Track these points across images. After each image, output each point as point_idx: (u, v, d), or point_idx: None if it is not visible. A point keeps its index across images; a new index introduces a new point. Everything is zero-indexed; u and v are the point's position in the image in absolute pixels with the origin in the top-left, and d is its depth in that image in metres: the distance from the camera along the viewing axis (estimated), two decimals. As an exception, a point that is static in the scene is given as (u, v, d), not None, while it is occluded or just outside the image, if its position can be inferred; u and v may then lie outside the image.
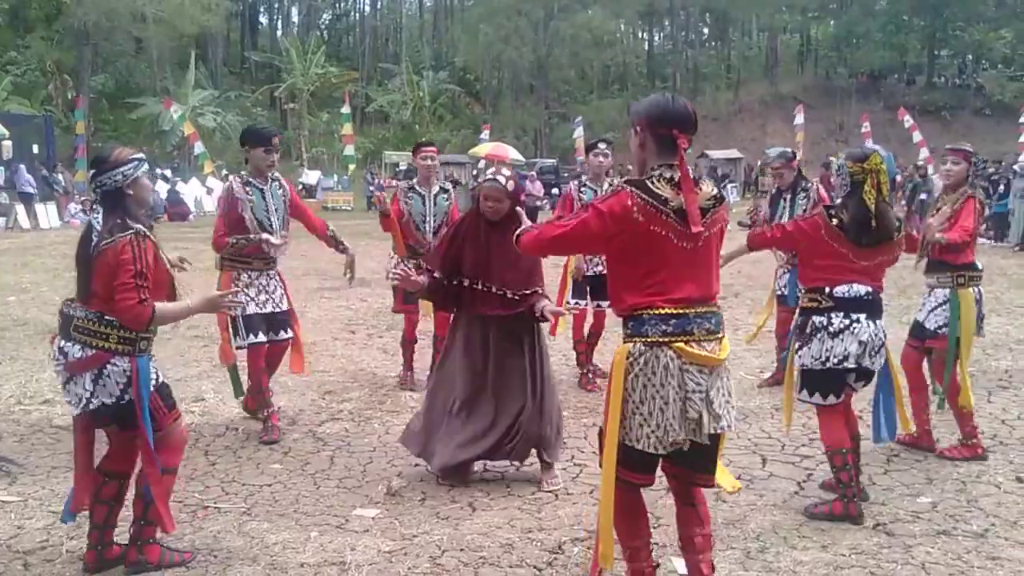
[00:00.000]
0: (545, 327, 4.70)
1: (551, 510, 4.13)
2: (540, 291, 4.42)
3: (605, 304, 6.39)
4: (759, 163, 37.02)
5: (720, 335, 2.91)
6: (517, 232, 3.20)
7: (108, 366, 3.26)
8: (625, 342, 2.90)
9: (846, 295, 3.95)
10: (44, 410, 5.85)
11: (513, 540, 3.78)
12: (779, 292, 6.59)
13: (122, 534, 3.60)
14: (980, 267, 4.90)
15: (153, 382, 3.38)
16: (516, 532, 3.86)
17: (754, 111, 48.72)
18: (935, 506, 4.14)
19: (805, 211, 6.24)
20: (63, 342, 3.33)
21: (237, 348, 5.31)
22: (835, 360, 3.93)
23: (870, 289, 3.99)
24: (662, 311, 2.82)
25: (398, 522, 3.99)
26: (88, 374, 3.27)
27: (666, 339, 2.81)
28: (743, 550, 3.67)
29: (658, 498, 4.20)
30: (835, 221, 3.92)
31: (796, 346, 4.06)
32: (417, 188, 6.28)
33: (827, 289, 3.96)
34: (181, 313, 3.54)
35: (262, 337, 5.24)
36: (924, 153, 27.24)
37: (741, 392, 6.26)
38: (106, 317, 3.27)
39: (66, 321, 3.34)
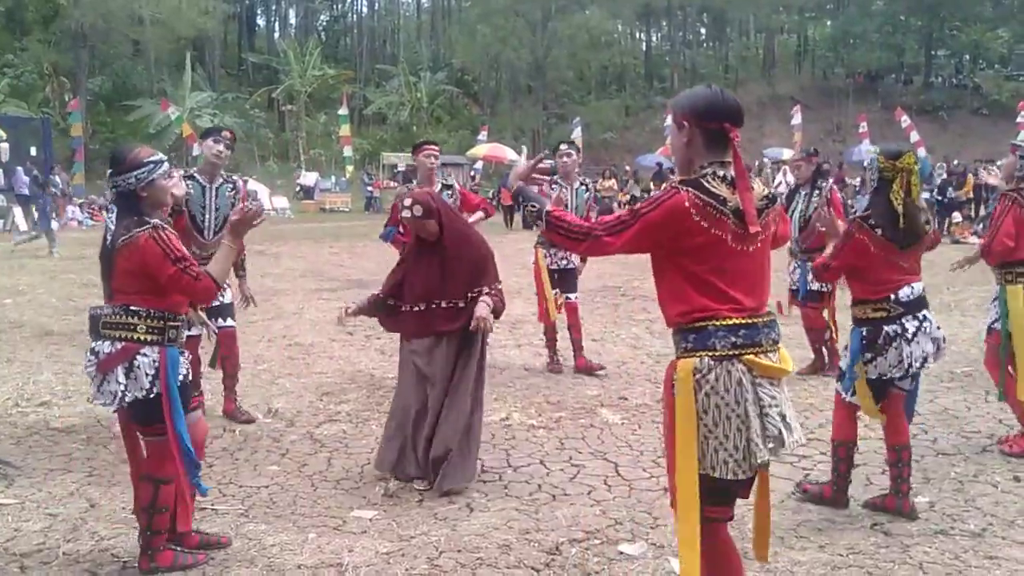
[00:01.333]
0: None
1: (548, 511, 4.13)
2: (493, 288, 4.46)
3: (574, 296, 6.89)
4: (756, 163, 37.11)
5: (779, 344, 2.69)
6: (548, 210, 2.74)
7: (138, 357, 3.28)
8: (683, 357, 2.61)
9: (911, 297, 3.88)
10: (41, 412, 5.84)
11: (511, 541, 3.77)
12: (793, 287, 6.70)
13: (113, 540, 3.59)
14: None
15: (180, 377, 3.38)
16: (514, 533, 3.86)
17: (751, 111, 48.56)
18: (933, 505, 4.14)
19: (817, 208, 6.31)
20: (94, 343, 3.35)
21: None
22: (917, 364, 3.88)
23: (922, 284, 3.99)
24: (729, 321, 2.56)
25: (396, 523, 3.98)
26: (120, 368, 3.27)
27: (736, 351, 2.55)
28: (740, 550, 3.65)
29: (656, 498, 4.20)
30: (879, 231, 3.83)
31: (867, 357, 3.89)
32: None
33: (892, 296, 3.87)
34: (227, 257, 3.49)
35: (232, 322, 5.48)
36: (921, 153, 27.25)
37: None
38: (132, 308, 3.30)
39: (94, 322, 3.37)
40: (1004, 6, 46.04)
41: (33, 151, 26.42)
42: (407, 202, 4.45)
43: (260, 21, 61.27)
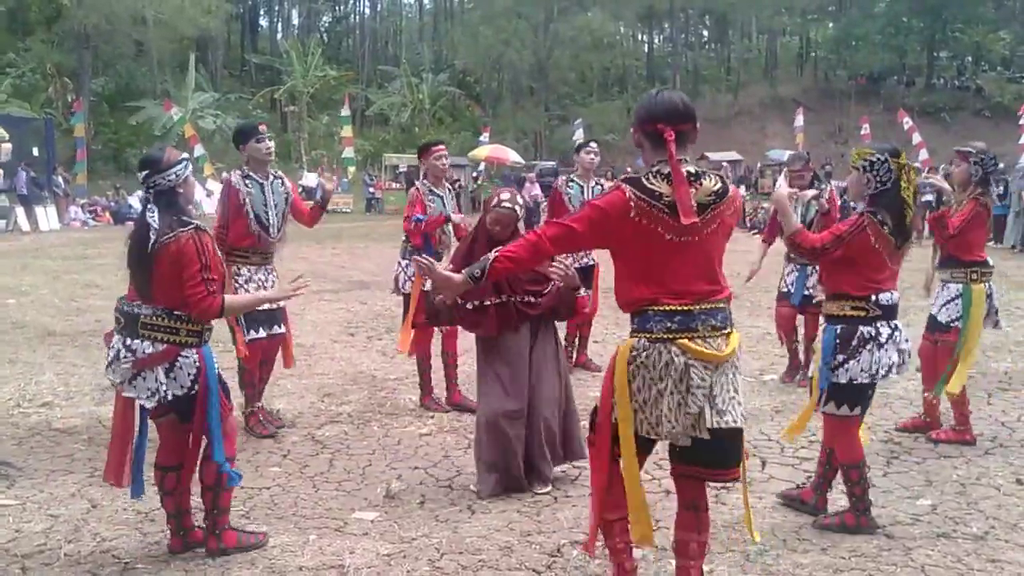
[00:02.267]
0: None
1: (550, 513, 4.12)
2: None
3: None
4: (759, 165, 37.12)
5: (727, 331, 2.90)
6: (500, 252, 3.02)
7: (179, 359, 3.43)
8: (631, 337, 2.93)
9: (889, 302, 3.83)
10: (43, 413, 5.85)
11: (512, 543, 3.77)
12: (785, 290, 6.64)
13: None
14: (991, 264, 5.17)
15: (216, 372, 3.55)
16: (515, 535, 3.86)
17: (754, 113, 48.72)
18: (935, 508, 4.13)
19: (818, 211, 6.38)
20: (129, 340, 3.42)
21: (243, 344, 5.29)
22: (884, 371, 3.80)
23: (898, 294, 3.94)
24: (666, 307, 2.83)
25: (397, 525, 3.98)
26: (160, 368, 3.40)
27: (670, 335, 2.82)
28: (742, 553, 3.66)
29: (657, 500, 4.20)
30: (886, 228, 3.74)
31: (839, 359, 3.80)
32: (435, 189, 6.02)
33: (873, 297, 3.80)
34: (251, 303, 3.93)
35: (262, 332, 5.27)
36: (924, 155, 27.23)
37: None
38: (175, 312, 3.43)
39: (131, 319, 3.45)
40: (1006, 8, 46.05)
41: (36, 151, 26.44)
42: (505, 196, 4.46)
43: (263, 22, 61.42)
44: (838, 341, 3.82)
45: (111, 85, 42.03)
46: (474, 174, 32.99)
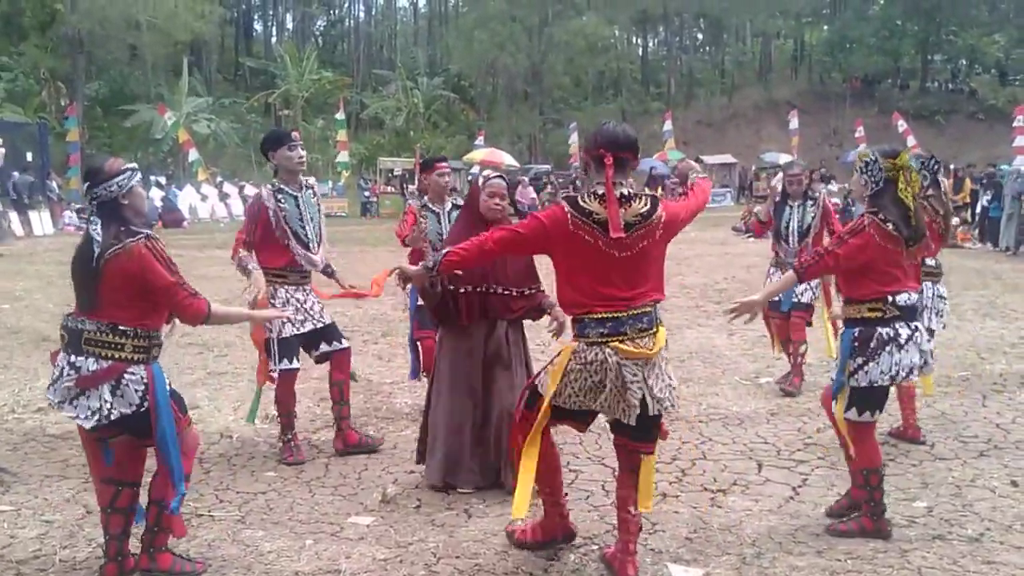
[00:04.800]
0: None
1: (547, 517, 4.11)
2: (542, 289, 4.43)
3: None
4: (754, 168, 37.18)
5: (653, 330, 3.32)
6: (451, 249, 3.51)
7: (125, 375, 3.28)
8: (573, 340, 3.38)
9: (907, 303, 3.78)
10: (38, 419, 5.83)
11: (509, 547, 3.77)
12: (774, 297, 6.58)
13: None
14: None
15: (167, 389, 3.42)
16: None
17: (748, 116, 48.80)
18: (930, 511, 4.14)
19: (815, 218, 6.41)
20: (73, 357, 3.30)
21: (270, 372, 4.96)
22: (904, 373, 3.76)
23: (917, 293, 3.91)
24: (598, 315, 3.27)
25: (393, 530, 3.98)
26: (106, 386, 3.26)
27: (603, 340, 3.26)
28: (739, 555, 3.66)
29: (654, 504, 4.19)
30: (890, 225, 3.72)
31: (859, 362, 3.77)
32: (431, 206, 5.77)
33: (890, 298, 3.75)
34: (238, 317, 3.95)
35: (296, 363, 4.98)
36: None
37: (736, 397, 6.27)
38: (120, 327, 3.29)
39: (74, 335, 3.32)
40: (1000, 11, 46.22)
41: (30, 156, 26.38)
42: (488, 171, 4.51)
43: (257, 26, 61.42)
44: (856, 344, 3.79)
45: (105, 89, 41.94)
46: (469, 178, 32.98)
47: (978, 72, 49.36)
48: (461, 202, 6.20)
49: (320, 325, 5.00)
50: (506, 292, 4.35)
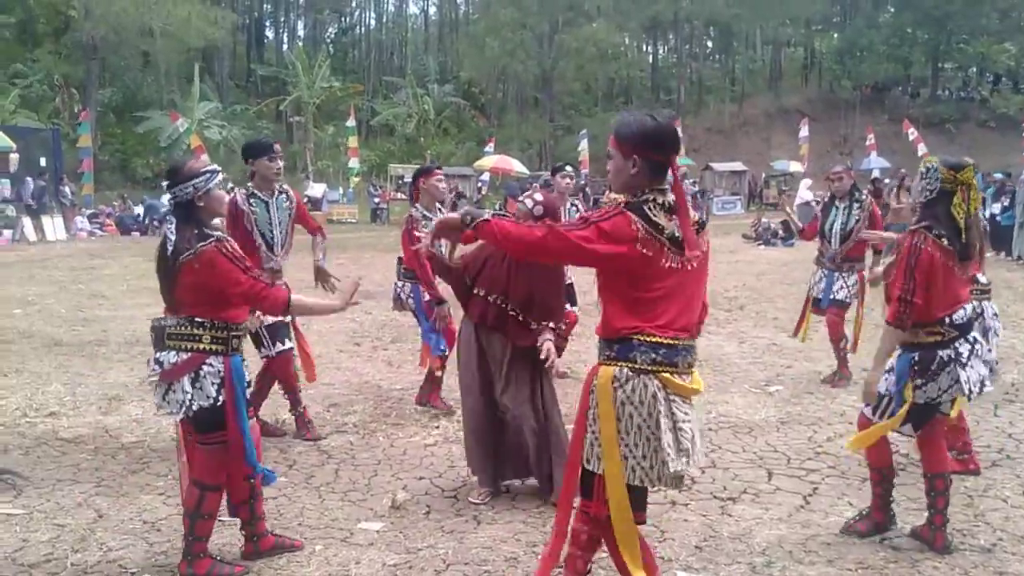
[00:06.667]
0: None
1: (556, 524, 4.11)
2: (551, 326, 4.32)
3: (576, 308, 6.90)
4: (764, 176, 37.12)
5: (694, 368, 2.85)
6: (499, 218, 2.86)
7: (204, 367, 3.36)
8: (605, 364, 2.79)
9: (963, 320, 3.69)
10: (50, 423, 5.86)
11: (518, 554, 3.77)
12: (817, 296, 6.86)
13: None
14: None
15: (246, 384, 3.51)
16: (521, 546, 3.85)
17: (758, 124, 48.79)
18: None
19: (859, 221, 6.61)
20: (158, 353, 3.41)
21: (263, 358, 5.40)
22: (976, 389, 3.67)
23: (973, 305, 3.84)
24: (653, 339, 2.72)
25: (403, 536, 3.98)
26: (186, 378, 3.35)
27: (654, 367, 2.72)
28: (748, 564, 3.65)
29: (663, 512, 4.19)
30: (944, 240, 3.60)
31: (918, 382, 3.67)
32: (428, 215, 5.93)
33: (947, 319, 3.65)
34: (321, 309, 3.83)
35: (289, 344, 5.36)
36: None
37: (747, 405, 6.26)
38: (197, 319, 3.38)
39: (159, 333, 3.43)
40: (1011, 19, 46.08)
41: (43, 162, 26.57)
42: (537, 196, 4.46)
43: (269, 33, 61.64)
44: (916, 368, 3.67)
45: (118, 96, 42.25)
46: (479, 184, 33.03)
47: (989, 80, 49.22)
48: (457, 205, 6.27)
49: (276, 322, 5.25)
50: (523, 321, 4.30)
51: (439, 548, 3.83)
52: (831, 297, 6.75)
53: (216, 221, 3.64)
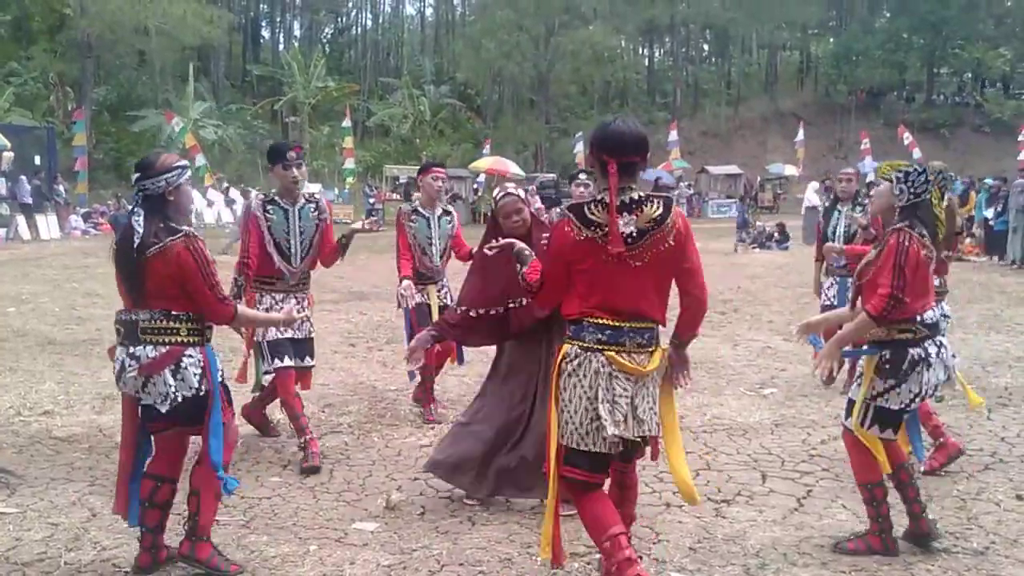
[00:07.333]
0: None
1: (551, 525, 4.11)
2: None
3: None
4: (759, 179, 37.21)
5: (651, 349, 3.13)
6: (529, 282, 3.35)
7: (184, 358, 3.37)
8: (565, 343, 3.17)
9: (933, 320, 3.66)
10: (43, 421, 5.85)
11: (512, 555, 3.77)
12: (827, 303, 6.73)
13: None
14: None
15: (219, 374, 3.51)
16: (515, 547, 3.85)
17: (754, 127, 48.93)
18: (935, 524, 4.12)
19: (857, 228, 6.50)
20: (132, 348, 3.38)
21: (264, 374, 5.23)
22: (929, 391, 3.68)
23: (939, 308, 3.86)
24: (599, 321, 3.07)
25: (397, 536, 3.98)
26: (167, 370, 3.34)
27: (599, 346, 3.06)
28: (743, 566, 3.66)
29: (657, 513, 4.20)
30: (926, 239, 3.60)
31: (889, 384, 3.63)
32: (421, 210, 5.94)
33: (919, 317, 3.62)
34: (263, 321, 3.94)
35: (288, 361, 5.01)
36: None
37: (741, 408, 6.27)
38: (173, 312, 3.38)
39: (130, 327, 3.40)
40: (1006, 25, 46.34)
41: (37, 160, 26.52)
42: (510, 186, 4.38)
43: (265, 33, 61.61)
44: (887, 366, 3.64)
45: (113, 94, 42.15)
46: (475, 186, 33.06)
47: (984, 85, 49.41)
48: (451, 209, 6.24)
49: (298, 336, 5.09)
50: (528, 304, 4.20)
51: (434, 549, 3.83)
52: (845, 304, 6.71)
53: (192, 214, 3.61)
